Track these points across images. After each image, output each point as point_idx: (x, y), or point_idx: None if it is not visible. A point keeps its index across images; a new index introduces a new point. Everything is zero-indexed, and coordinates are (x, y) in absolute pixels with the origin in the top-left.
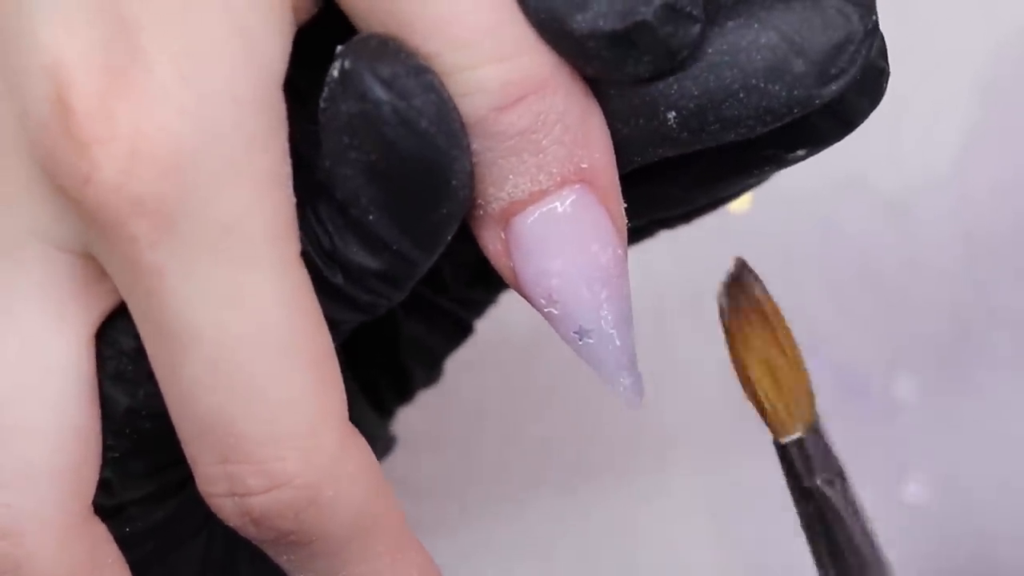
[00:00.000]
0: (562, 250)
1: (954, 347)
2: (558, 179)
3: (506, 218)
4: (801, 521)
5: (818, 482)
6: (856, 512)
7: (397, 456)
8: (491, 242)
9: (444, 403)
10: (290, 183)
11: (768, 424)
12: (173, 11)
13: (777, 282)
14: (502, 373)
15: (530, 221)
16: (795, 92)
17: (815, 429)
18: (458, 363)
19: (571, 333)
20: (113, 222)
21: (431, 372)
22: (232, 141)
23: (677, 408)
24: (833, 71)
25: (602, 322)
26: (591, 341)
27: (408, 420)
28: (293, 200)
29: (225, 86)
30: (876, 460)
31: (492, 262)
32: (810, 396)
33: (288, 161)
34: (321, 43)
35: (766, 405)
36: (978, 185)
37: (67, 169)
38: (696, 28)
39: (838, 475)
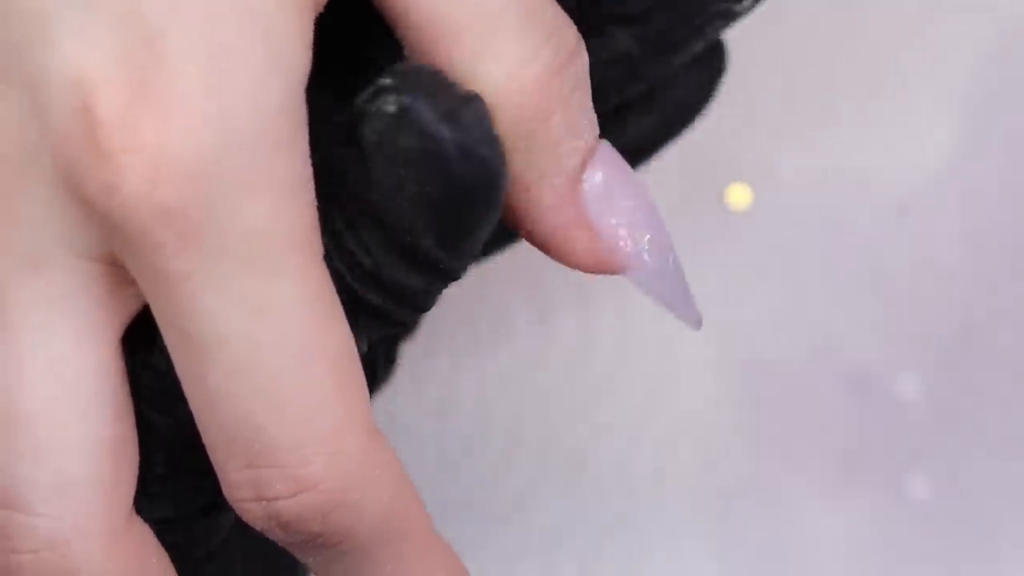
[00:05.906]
0: (624, 191)
1: (957, 346)
2: (593, 138)
3: (573, 187)
4: None
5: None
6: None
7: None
8: (560, 216)
9: (445, 403)
10: (311, 187)
11: None
12: (197, 19)
13: (778, 282)
14: (503, 373)
15: (596, 179)
16: None
17: None
18: (459, 362)
19: (664, 263)
20: (139, 231)
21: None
22: (256, 148)
23: (677, 408)
24: None
25: (672, 249)
26: (673, 268)
27: (409, 419)
28: (315, 204)
29: (249, 94)
30: (879, 458)
31: (564, 240)
32: None
33: (309, 164)
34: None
35: None
36: (980, 184)
37: (93, 179)
38: None
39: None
